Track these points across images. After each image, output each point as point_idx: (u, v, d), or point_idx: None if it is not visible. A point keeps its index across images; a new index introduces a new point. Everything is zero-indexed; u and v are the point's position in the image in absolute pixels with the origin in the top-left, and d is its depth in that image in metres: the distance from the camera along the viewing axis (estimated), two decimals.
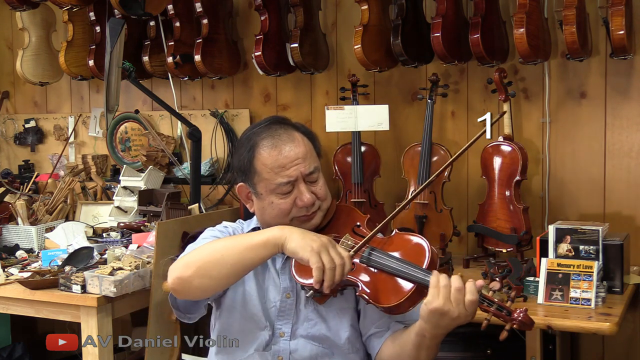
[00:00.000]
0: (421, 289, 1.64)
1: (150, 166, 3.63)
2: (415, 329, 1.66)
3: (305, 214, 1.79)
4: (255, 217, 1.95)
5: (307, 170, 1.78)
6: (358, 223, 1.84)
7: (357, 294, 1.71)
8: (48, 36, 3.87)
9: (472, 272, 2.70)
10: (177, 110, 3.58)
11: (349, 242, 1.77)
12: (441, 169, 2.02)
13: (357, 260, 1.73)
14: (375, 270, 1.70)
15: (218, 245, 1.72)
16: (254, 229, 1.91)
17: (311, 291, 1.67)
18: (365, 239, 1.73)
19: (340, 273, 1.62)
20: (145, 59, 3.56)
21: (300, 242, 1.63)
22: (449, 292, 1.56)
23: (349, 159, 3.09)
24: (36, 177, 3.82)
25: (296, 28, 3.21)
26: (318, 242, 1.62)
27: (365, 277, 1.71)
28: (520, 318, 1.56)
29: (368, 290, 1.69)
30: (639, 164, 2.86)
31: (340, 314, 1.82)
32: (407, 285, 1.65)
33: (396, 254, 1.71)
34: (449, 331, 1.62)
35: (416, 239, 1.74)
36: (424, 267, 1.65)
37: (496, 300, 1.59)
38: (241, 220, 2.01)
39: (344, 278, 1.64)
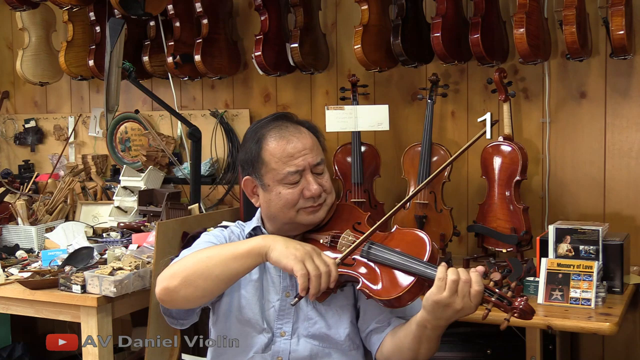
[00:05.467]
0: (422, 282, 1.65)
1: (150, 166, 3.63)
2: (417, 319, 1.66)
3: (312, 205, 1.80)
4: (255, 218, 1.95)
5: (314, 160, 1.80)
6: (359, 221, 1.85)
7: (357, 288, 1.71)
8: (48, 36, 3.87)
9: None
10: (177, 110, 3.58)
11: (350, 238, 1.79)
12: (442, 167, 2.01)
13: (357, 256, 1.74)
14: (376, 265, 1.72)
15: (203, 255, 1.70)
16: (255, 228, 1.92)
17: (296, 299, 1.67)
18: (364, 235, 1.74)
19: (326, 280, 1.61)
20: (145, 59, 3.56)
21: (284, 250, 1.62)
22: (457, 286, 1.56)
23: (348, 159, 3.09)
24: (36, 177, 3.82)
25: (296, 28, 3.21)
26: (302, 251, 1.62)
27: (365, 272, 1.72)
28: (521, 306, 1.56)
29: (369, 284, 1.69)
30: (639, 164, 2.86)
31: (340, 311, 1.82)
32: (407, 278, 1.66)
33: (397, 249, 1.72)
34: (450, 322, 1.63)
35: (416, 233, 1.76)
36: (424, 260, 1.67)
37: (497, 290, 1.60)
38: (241, 222, 2.01)
39: (330, 286, 1.64)
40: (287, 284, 1.84)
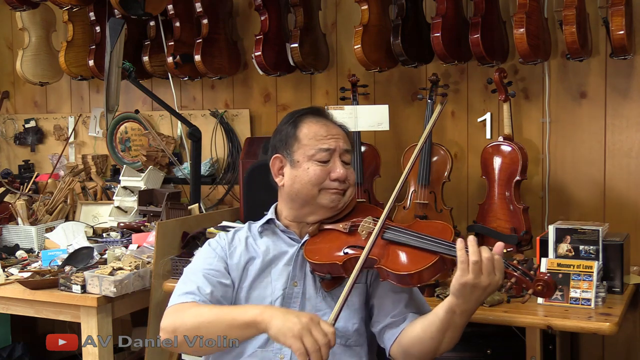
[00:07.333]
0: (444, 261, 1.67)
1: (150, 166, 3.63)
2: (444, 306, 1.67)
3: (336, 187, 1.86)
4: (269, 211, 1.97)
5: (344, 146, 1.90)
6: (378, 216, 1.86)
7: (374, 266, 1.74)
8: (48, 36, 3.87)
9: None
10: (177, 110, 3.58)
11: (370, 223, 1.83)
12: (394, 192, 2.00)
13: (377, 239, 1.76)
14: (396, 245, 1.75)
15: (204, 317, 1.72)
16: (269, 221, 1.95)
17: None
18: (382, 216, 1.76)
19: (326, 352, 1.56)
20: (145, 59, 3.56)
21: (282, 327, 1.59)
22: (480, 266, 1.60)
23: None
24: (36, 177, 3.82)
25: (296, 28, 3.21)
26: (299, 325, 1.57)
27: (385, 252, 1.75)
28: (545, 278, 1.59)
29: (387, 262, 1.72)
30: (639, 164, 2.86)
31: (351, 306, 1.83)
32: (430, 256, 1.69)
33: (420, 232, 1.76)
34: (479, 305, 1.66)
35: (439, 222, 1.85)
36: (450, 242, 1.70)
37: (520, 267, 1.63)
38: (251, 222, 2.01)
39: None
40: (296, 272, 1.86)
